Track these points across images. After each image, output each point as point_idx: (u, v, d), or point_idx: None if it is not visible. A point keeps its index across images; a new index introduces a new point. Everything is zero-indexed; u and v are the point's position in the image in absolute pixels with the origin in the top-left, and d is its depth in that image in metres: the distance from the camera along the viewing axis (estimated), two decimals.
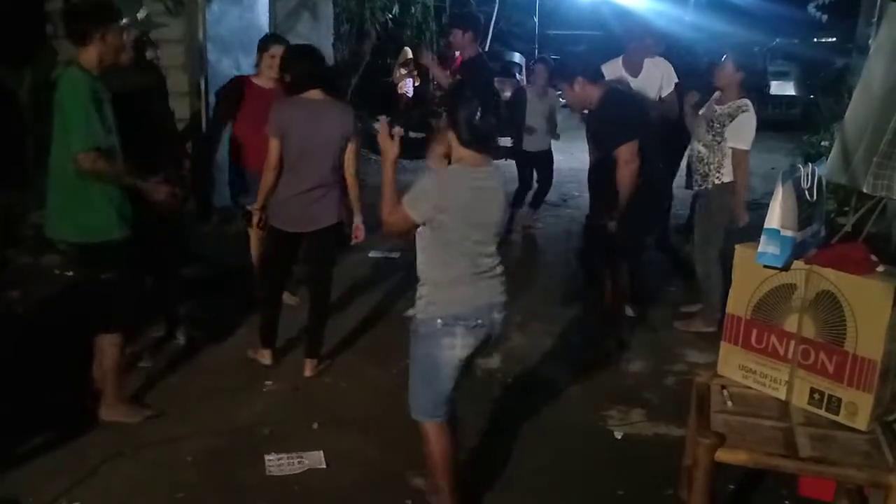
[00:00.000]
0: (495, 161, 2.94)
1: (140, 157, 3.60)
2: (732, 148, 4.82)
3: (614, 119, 4.45)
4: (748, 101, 4.86)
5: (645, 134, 4.48)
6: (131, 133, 3.58)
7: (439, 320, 2.79)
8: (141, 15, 4.45)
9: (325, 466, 3.44)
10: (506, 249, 6.95)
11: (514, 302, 5.30)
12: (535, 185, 7.63)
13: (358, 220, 4.20)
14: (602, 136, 4.59)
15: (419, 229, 2.80)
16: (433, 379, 2.88)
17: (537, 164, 7.55)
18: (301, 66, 4.04)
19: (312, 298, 4.35)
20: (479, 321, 2.82)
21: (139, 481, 3.30)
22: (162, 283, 4.54)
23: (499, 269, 2.89)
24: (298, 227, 4.11)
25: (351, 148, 4.04)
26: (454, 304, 2.80)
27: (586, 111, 4.76)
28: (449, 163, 2.86)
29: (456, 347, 2.81)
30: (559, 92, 6.09)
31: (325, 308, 4.33)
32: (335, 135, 3.97)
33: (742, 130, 4.81)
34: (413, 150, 11.91)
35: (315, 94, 3.97)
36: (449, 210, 2.70)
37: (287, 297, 4.73)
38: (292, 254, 4.30)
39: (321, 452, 3.52)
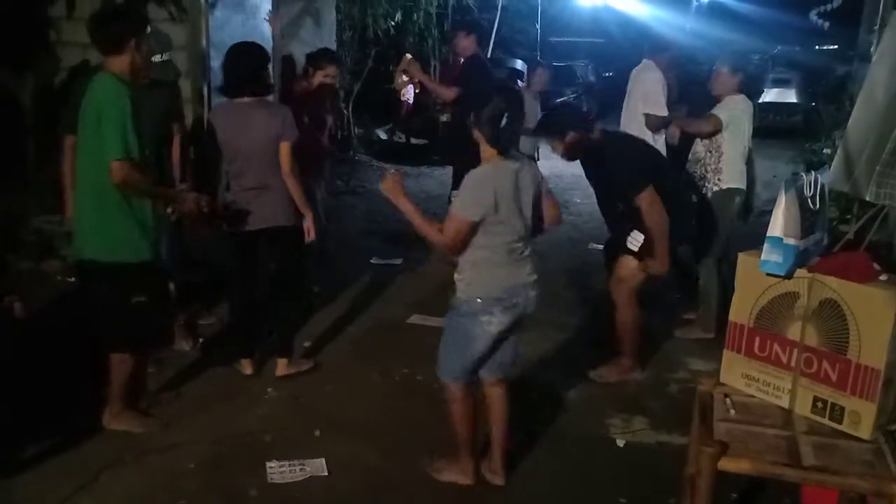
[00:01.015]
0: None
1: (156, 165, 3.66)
2: (710, 114, 4.84)
3: (620, 171, 4.18)
4: (742, 95, 4.89)
5: (655, 164, 4.37)
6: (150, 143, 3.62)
7: (479, 300, 3.06)
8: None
9: (326, 474, 3.44)
10: None
11: None
12: None
13: (307, 220, 4.16)
14: (615, 192, 4.30)
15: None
16: (464, 348, 3.16)
17: None
18: (232, 70, 4.05)
19: (274, 300, 4.38)
20: (515, 301, 3.09)
21: (141, 488, 3.30)
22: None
23: (528, 251, 3.16)
24: (240, 227, 4.09)
25: (284, 148, 3.98)
26: (493, 285, 3.07)
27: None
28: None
29: (492, 324, 3.09)
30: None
31: (285, 309, 4.36)
32: (265, 137, 3.96)
33: (726, 106, 4.84)
34: (415, 157, 11.96)
35: (246, 96, 4.01)
36: (500, 202, 2.97)
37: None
38: (250, 258, 4.27)
39: (323, 460, 3.51)
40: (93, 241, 3.43)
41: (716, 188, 4.87)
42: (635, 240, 4.20)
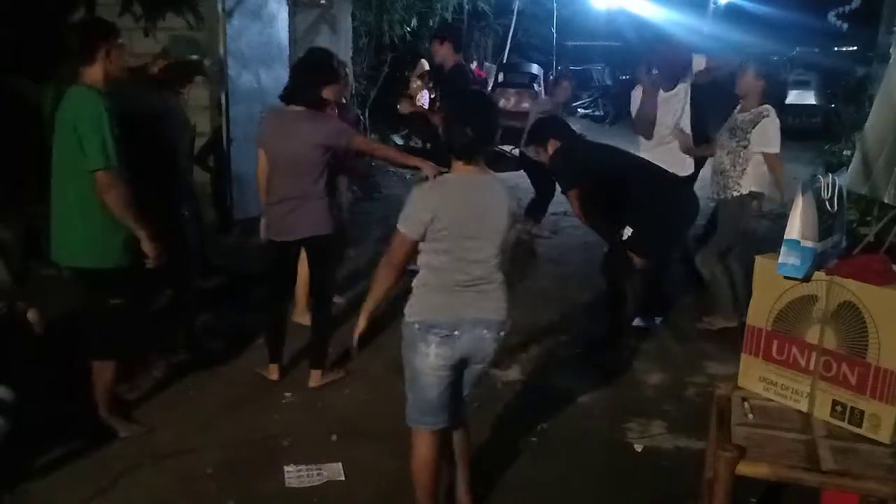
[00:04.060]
0: (503, 173, 2.95)
1: (144, 179, 3.62)
2: (763, 153, 4.81)
3: (557, 171, 5.01)
4: (769, 107, 4.85)
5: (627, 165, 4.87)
6: (136, 154, 3.58)
7: (416, 325, 2.79)
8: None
9: (343, 478, 3.45)
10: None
11: (533, 314, 5.35)
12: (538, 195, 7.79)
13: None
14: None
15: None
16: (414, 384, 2.87)
17: (547, 175, 7.68)
18: (292, 76, 4.10)
19: (310, 310, 4.35)
20: (456, 332, 2.74)
21: (159, 492, 3.32)
22: (180, 294, 4.58)
23: (494, 285, 2.79)
24: (278, 236, 4.14)
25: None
26: (431, 310, 2.78)
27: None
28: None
29: (430, 355, 2.77)
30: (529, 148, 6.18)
31: (321, 319, 4.34)
32: (306, 146, 3.93)
33: (767, 134, 4.81)
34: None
35: (296, 105, 4.01)
36: (440, 219, 2.68)
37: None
38: (285, 266, 4.30)
39: (340, 464, 3.52)
40: (74, 248, 3.51)
41: (735, 193, 4.85)
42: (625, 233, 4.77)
